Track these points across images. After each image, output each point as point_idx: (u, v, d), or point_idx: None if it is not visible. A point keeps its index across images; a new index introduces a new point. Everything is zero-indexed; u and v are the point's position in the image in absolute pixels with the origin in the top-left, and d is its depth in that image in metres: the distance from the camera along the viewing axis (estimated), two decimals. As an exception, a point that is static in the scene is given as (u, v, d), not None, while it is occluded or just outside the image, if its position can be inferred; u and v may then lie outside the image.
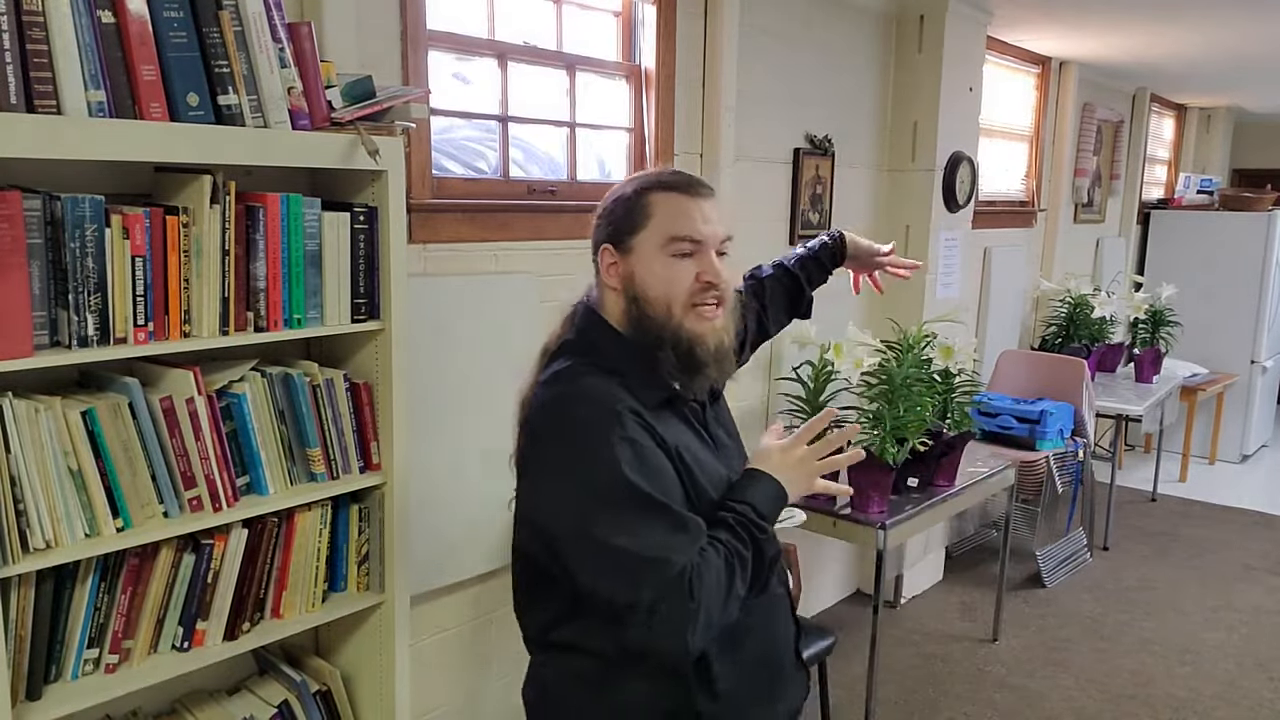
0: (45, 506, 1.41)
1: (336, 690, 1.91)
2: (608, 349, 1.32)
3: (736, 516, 1.26)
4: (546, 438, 1.27)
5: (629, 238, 1.31)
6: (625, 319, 1.32)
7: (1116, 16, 3.85)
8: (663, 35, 2.73)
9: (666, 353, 1.30)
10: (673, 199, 1.31)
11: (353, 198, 1.76)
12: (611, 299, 1.34)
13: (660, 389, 1.31)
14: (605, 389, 1.26)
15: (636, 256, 1.31)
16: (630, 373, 1.29)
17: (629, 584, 1.17)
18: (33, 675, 1.46)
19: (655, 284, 1.30)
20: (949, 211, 3.81)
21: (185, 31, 1.45)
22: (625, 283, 1.31)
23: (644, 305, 1.30)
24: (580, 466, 1.22)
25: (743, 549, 1.24)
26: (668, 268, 1.29)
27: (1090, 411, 4.39)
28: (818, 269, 1.87)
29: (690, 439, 1.33)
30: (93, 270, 1.40)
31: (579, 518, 1.21)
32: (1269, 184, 6.65)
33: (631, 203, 1.32)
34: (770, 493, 1.31)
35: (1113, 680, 3.36)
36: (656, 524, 1.19)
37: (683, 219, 1.30)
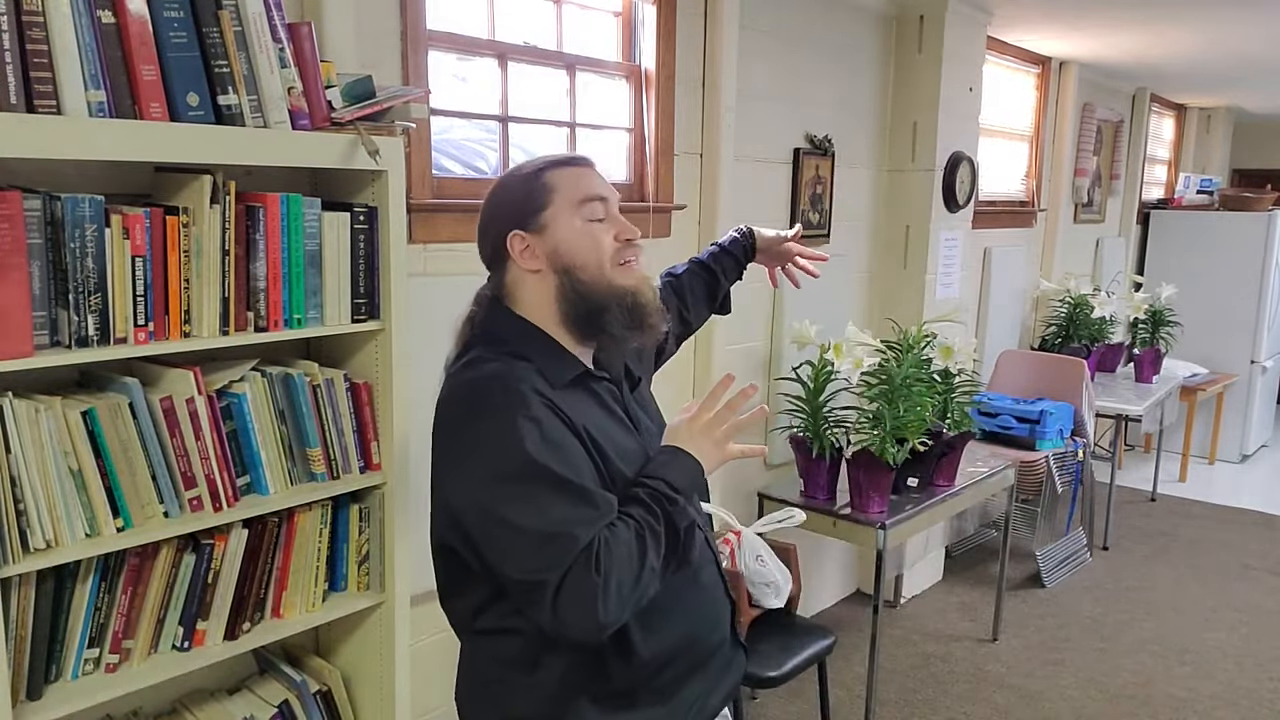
0: (45, 506, 1.41)
1: (336, 690, 1.91)
2: (510, 334, 1.34)
3: (648, 490, 1.27)
4: (453, 424, 1.27)
5: (538, 216, 1.32)
6: (557, 295, 1.33)
7: (1116, 16, 3.85)
8: (663, 35, 2.73)
9: (612, 314, 1.31)
10: (568, 172, 1.35)
11: (353, 198, 1.76)
12: (533, 284, 1.34)
13: (570, 368, 1.33)
14: (508, 371, 1.27)
15: (552, 230, 1.32)
16: (537, 355, 1.31)
17: (534, 561, 1.17)
18: (33, 675, 1.46)
19: (582, 248, 1.32)
20: (949, 211, 3.82)
21: (185, 31, 1.45)
22: (550, 258, 1.32)
23: (577, 272, 1.31)
24: (485, 448, 1.22)
25: (654, 522, 1.24)
26: (588, 230, 1.32)
27: (1090, 411, 4.39)
28: (732, 263, 1.89)
29: (602, 418, 1.34)
30: (93, 270, 1.40)
31: (485, 498, 1.21)
32: (1269, 184, 6.66)
33: (529, 185, 1.34)
34: (684, 466, 1.31)
35: (1112, 680, 3.36)
36: (560, 500, 1.19)
37: (584, 182, 1.34)
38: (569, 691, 1.31)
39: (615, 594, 1.17)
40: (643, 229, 2.70)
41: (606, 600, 1.16)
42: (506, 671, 1.34)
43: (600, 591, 1.16)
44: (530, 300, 1.35)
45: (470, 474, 1.24)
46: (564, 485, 1.20)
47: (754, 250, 1.91)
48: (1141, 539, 4.77)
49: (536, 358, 1.31)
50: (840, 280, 3.57)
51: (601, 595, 1.16)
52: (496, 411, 1.23)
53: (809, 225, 3.39)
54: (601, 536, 1.19)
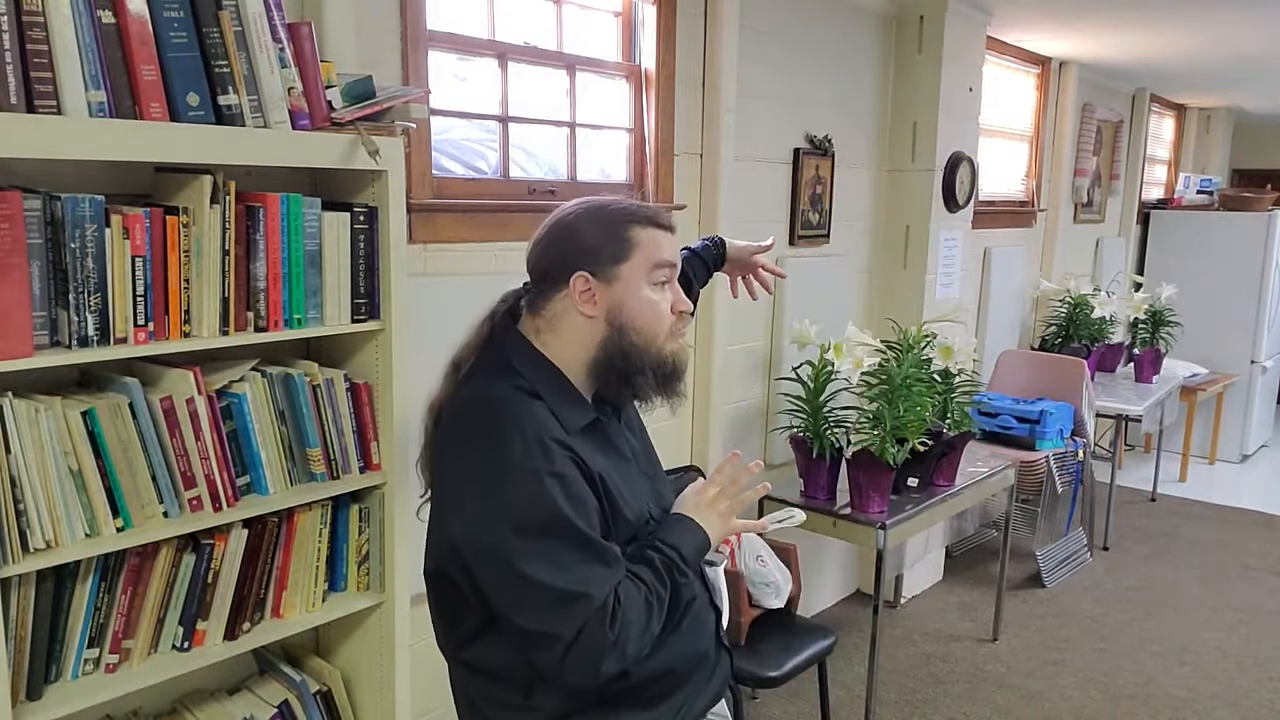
0: (45, 506, 1.41)
1: (337, 690, 1.91)
2: (528, 371, 1.33)
3: (663, 559, 1.30)
4: (471, 459, 1.26)
5: (612, 266, 1.33)
6: (601, 345, 1.34)
7: (1116, 16, 3.85)
8: (663, 35, 2.73)
9: (647, 377, 1.34)
10: (654, 234, 1.36)
11: (353, 198, 1.76)
12: (579, 325, 1.34)
13: (582, 414, 1.34)
14: (534, 416, 1.27)
15: (623, 286, 1.33)
16: (550, 396, 1.31)
17: (551, 617, 1.20)
18: (33, 675, 1.46)
19: (644, 314, 1.34)
20: (949, 211, 3.82)
21: (185, 31, 1.45)
22: (610, 312, 1.33)
23: (630, 334, 1.33)
24: (506, 494, 1.22)
25: (662, 590, 1.28)
26: (652, 299, 1.35)
27: (1090, 411, 4.39)
28: (701, 266, 1.92)
29: (611, 457, 1.37)
30: (93, 270, 1.40)
31: (501, 547, 1.21)
32: (1269, 184, 6.66)
33: (614, 232, 1.34)
34: (697, 540, 1.36)
35: (1112, 680, 3.36)
36: (581, 558, 1.21)
37: (663, 248, 1.36)
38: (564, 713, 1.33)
39: (620, 651, 1.22)
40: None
41: (613, 658, 1.21)
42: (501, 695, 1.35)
43: (610, 649, 1.20)
44: (567, 337, 1.35)
45: (486, 517, 1.23)
46: (586, 543, 1.22)
47: (723, 259, 1.95)
48: (1141, 539, 4.78)
49: (550, 399, 1.31)
50: (840, 280, 3.57)
51: (610, 653, 1.20)
52: (521, 458, 1.22)
53: (809, 225, 3.39)
54: (617, 595, 1.22)
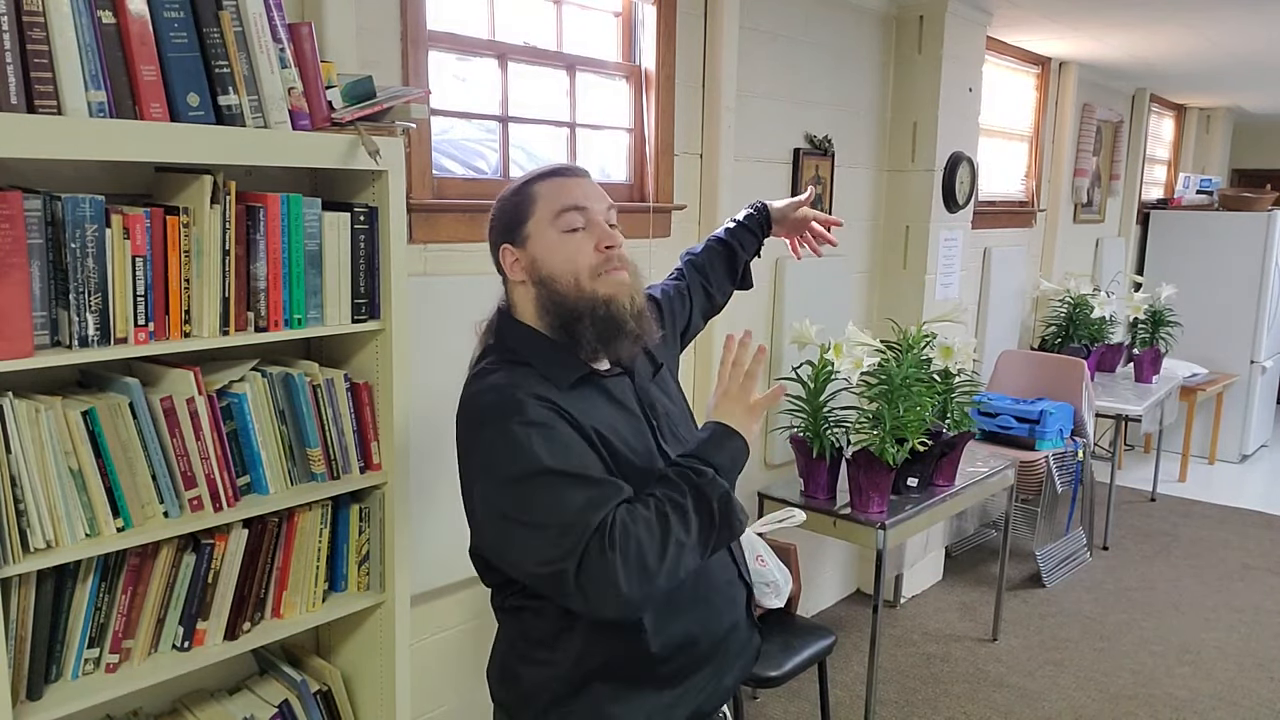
0: (46, 506, 1.41)
1: (337, 690, 1.91)
2: (516, 342, 1.37)
3: (676, 469, 1.27)
4: (462, 437, 1.32)
5: (521, 228, 1.36)
6: (538, 306, 1.36)
7: (1116, 16, 3.85)
8: (663, 35, 2.73)
9: (585, 325, 1.33)
10: (551, 183, 1.37)
11: (353, 198, 1.76)
12: (521, 293, 1.38)
13: (573, 369, 1.35)
14: (508, 379, 1.30)
15: (533, 242, 1.35)
16: (539, 359, 1.34)
17: (552, 552, 1.19)
18: (33, 675, 1.46)
19: (557, 260, 1.34)
20: (949, 211, 3.81)
21: (186, 32, 1.46)
22: (530, 271, 1.36)
23: (552, 284, 1.34)
24: (488, 456, 1.25)
25: (678, 496, 1.23)
26: (564, 243, 1.34)
27: (1090, 411, 4.39)
28: (749, 237, 1.91)
29: (612, 413, 1.36)
30: (93, 270, 1.40)
31: (499, 505, 1.24)
32: (1268, 184, 6.66)
33: (516, 198, 1.38)
34: (716, 439, 1.31)
35: (1112, 680, 3.36)
36: (568, 491, 1.21)
37: (563, 192, 1.36)
38: (582, 672, 1.34)
39: (637, 568, 1.17)
40: (643, 229, 2.73)
41: (628, 575, 1.16)
42: (527, 649, 1.39)
43: (619, 568, 1.16)
44: (525, 309, 1.39)
45: (483, 485, 1.28)
46: (569, 477, 1.22)
47: (769, 223, 1.93)
48: (1141, 539, 4.78)
49: (538, 363, 1.34)
50: (840, 280, 3.57)
51: (621, 571, 1.16)
52: (495, 420, 1.26)
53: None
54: (615, 515, 1.19)
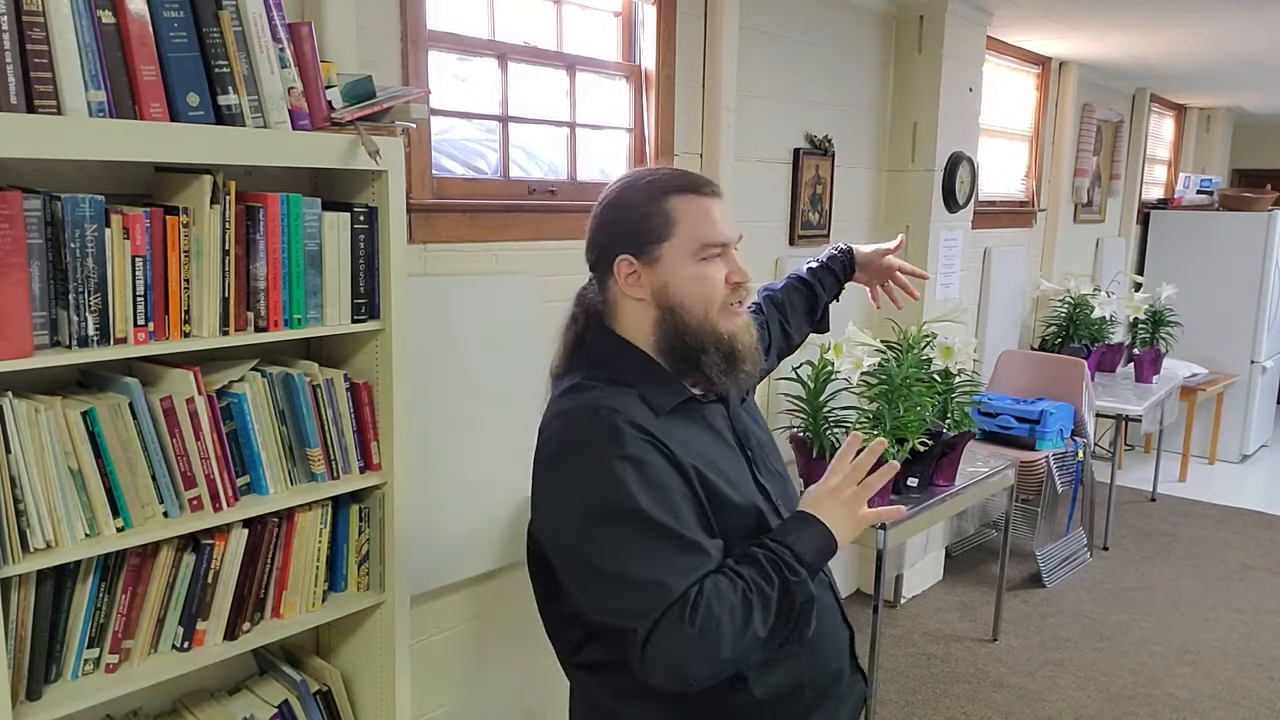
0: (45, 506, 1.41)
1: (337, 690, 1.91)
2: (615, 358, 1.29)
3: (769, 555, 1.18)
4: (548, 458, 1.23)
5: (652, 246, 1.26)
6: (657, 330, 1.28)
7: (1116, 16, 3.85)
8: (663, 35, 2.73)
9: (710, 356, 1.26)
10: (693, 202, 1.27)
11: (353, 198, 1.76)
12: (634, 311, 1.29)
13: (673, 394, 1.27)
14: (607, 403, 1.21)
15: (666, 265, 1.26)
16: (639, 380, 1.26)
17: (623, 608, 1.12)
18: (33, 675, 1.46)
19: (691, 291, 1.26)
20: (949, 211, 3.81)
21: (185, 31, 1.45)
22: (657, 294, 1.27)
23: (681, 314, 1.26)
24: (578, 487, 1.17)
25: (766, 587, 1.15)
26: (701, 274, 1.26)
27: (1090, 411, 4.39)
28: (830, 278, 1.84)
29: (709, 443, 1.28)
30: (93, 270, 1.40)
31: (577, 540, 1.17)
32: (1269, 184, 6.66)
33: (648, 209, 1.27)
34: (815, 538, 1.22)
35: (1112, 680, 3.36)
36: (656, 546, 1.13)
37: (708, 223, 1.27)
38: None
39: (709, 652, 1.10)
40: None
41: (698, 656, 1.09)
42: (615, 706, 1.29)
43: (690, 646, 1.09)
44: (629, 324, 1.30)
45: (563, 513, 1.19)
46: (660, 530, 1.14)
47: (852, 268, 1.86)
48: (1141, 539, 4.77)
49: (638, 383, 1.26)
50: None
51: (693, 650, 1.09)
52: (591, 449, 1.17)
53: (809, 225, 3.39)
54: (703, 588, 1.12)
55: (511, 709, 2.62)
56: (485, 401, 2.34)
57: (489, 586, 2.48)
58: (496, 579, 2.49)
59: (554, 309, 2.51)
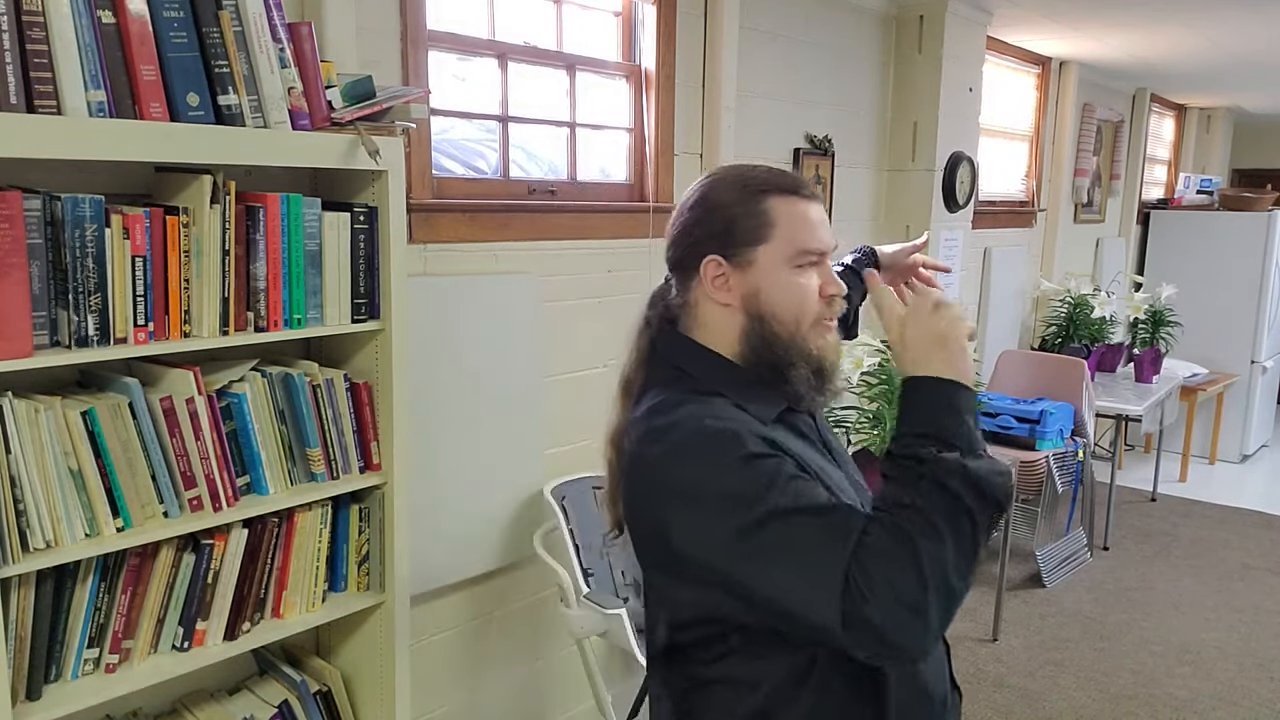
0: (45, 506, 1.41)
1: (337, 690, 1.91)
2: (700, 370, 1.19)
3: (890, 464, 1.06)
4: (663, 473, 1.10)
5: (747, 249, 1.16)
6: (743, 337, 1.18)
7: (1116, 16, 3.85)
8: (663, 35, 2.73)
9: (801, 370, 1.17)
10: (793, 205, 1.17)
11: (353, 198, 1.76)
12: (719, 316, 1.19)
13: (772, 403, 1.18)
14: (715, 410, 1.12)
15: (760, 271, 1.16)
16: (733, 390, 1.16)
17: (807, 609, 1.00)
18: (33, 675, 1.46)
19: (785, 301, 1.16)
20: (949, 211, 3.81)
21: (185, 31, 1.45)
22: (747, 300, 1.17)
23: (772, 323, 1.16)
24: (712, 492, 1.06)
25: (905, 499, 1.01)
26: (795, 283, 1.17)
27: (1090, 411, 4.39)
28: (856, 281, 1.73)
29: (810, 452, 1.20)
30: (93, 270, 1.40)
31: (728, 547, 1.04)
32: (1269, 184, 6.66)
33: (744, 209, 1.17)
34: (926, 396, 1.08)
35: (1112, 680, 3.36)
36: (804, 530, 1.02)
37: (806, 229, 1.17)
38: None
39: (896, 605, 0.96)
40: (643, 229, 2.72)
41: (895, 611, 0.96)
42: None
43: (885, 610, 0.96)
44: (711, 330, 1.20)
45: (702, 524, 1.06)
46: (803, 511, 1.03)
47: (877, 268, 1.76)
48: (1141, 539, 4.77)
49: (731, 392, 1.16)
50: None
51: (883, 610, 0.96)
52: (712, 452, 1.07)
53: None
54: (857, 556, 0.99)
55: (511, 709, 2.62)
56: (485, 401, 2.34)
57: (489, 586, 2.48)
58: (496, 579, 2.49)
59: (554, 309, 2.55)
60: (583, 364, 2.64)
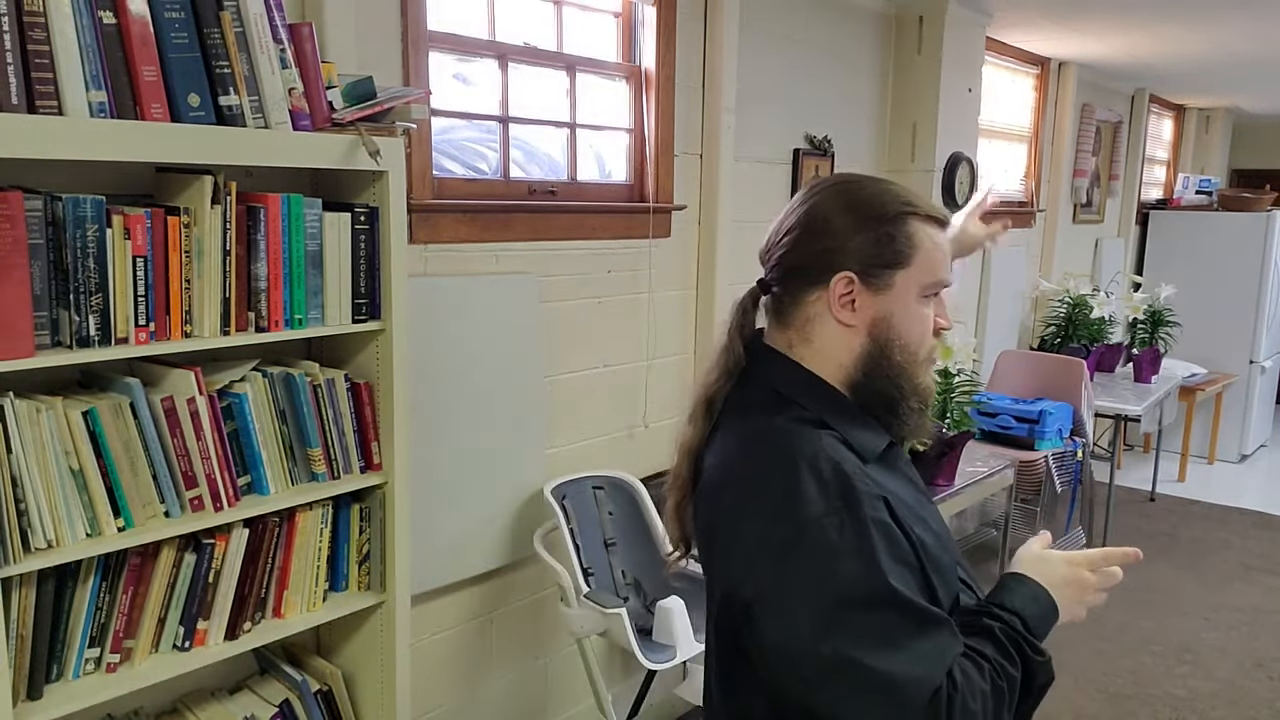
0: (47, 506, 1.41)
1: (337, 690, 1.92)
2: (805, 396, 1.11)
3: (1004, 628, 1.04)
4: (758, 515, 1.03)
5: (887, 271, 1.09)
6: (861, 362, 1.12)
7: (1116, 17, 3.86)
8: (663, 35, 2.73)
9: (909, 403, 1.13)
10: (936, 235, 1.12)
11: (354, 198, 1.76)
12: (835, 335, 1.11)
13: (877, 437, 1.12)
14: (827, 453, 1.04)
15: (895, 297, 1.10)
16: (839, 422, 1.10)
17: (878, 710, 0.96)
18: (34, 675, 1.46)
19: (913, 330, 1.11)
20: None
21: (186, 32, 1.46)
22: (875, 324, 1.10)
23: (896, 352, 1.11)
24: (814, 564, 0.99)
25: (1011, 668, 1.02)
26: (921, 313, 1.12)
27: (1089, 411, 4.40)
28: None
29: (909, 492, 1.14)
30: (94, 270, 1.41)
31: (812, 623, 0.97)
32: (1268, 184, 6.66)
33: (891, 228, 1.10)
34: (1043, 605, 1.09)
35: (1112, 680, 3.36)
36: (904, 631, 0.97)
37: (941, 258, 1.13)
38: None
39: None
40: (643, 229, 2.73)
41: None
42: None
43: None
44: (820, 348, 1.13)
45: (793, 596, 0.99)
46: (908, 610, 0.98)
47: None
48: (1141, 539, 4.77)
49: (839, 425, 1.09)
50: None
51: None
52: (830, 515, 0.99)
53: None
54: (954, 678, 0.97)
55: (511, 709, 2.62)
56: (485, 401, 2.34)
57: (489, 586, 2.48)
58: (496, 579, 2.49)
59: (554, 309, 2.55)
60: (582, 364, 2.64)
